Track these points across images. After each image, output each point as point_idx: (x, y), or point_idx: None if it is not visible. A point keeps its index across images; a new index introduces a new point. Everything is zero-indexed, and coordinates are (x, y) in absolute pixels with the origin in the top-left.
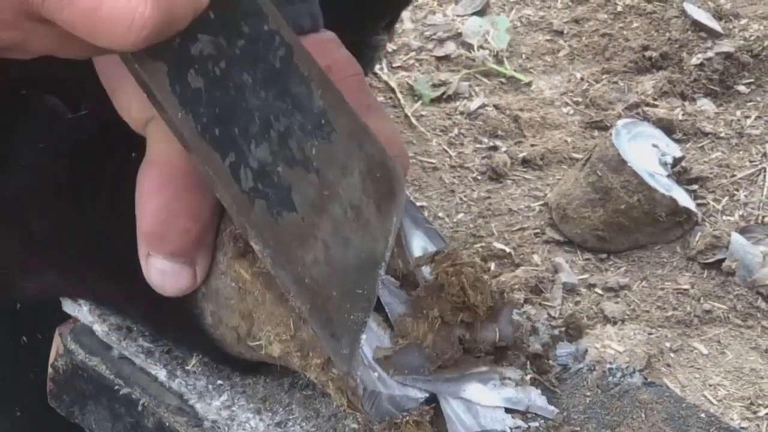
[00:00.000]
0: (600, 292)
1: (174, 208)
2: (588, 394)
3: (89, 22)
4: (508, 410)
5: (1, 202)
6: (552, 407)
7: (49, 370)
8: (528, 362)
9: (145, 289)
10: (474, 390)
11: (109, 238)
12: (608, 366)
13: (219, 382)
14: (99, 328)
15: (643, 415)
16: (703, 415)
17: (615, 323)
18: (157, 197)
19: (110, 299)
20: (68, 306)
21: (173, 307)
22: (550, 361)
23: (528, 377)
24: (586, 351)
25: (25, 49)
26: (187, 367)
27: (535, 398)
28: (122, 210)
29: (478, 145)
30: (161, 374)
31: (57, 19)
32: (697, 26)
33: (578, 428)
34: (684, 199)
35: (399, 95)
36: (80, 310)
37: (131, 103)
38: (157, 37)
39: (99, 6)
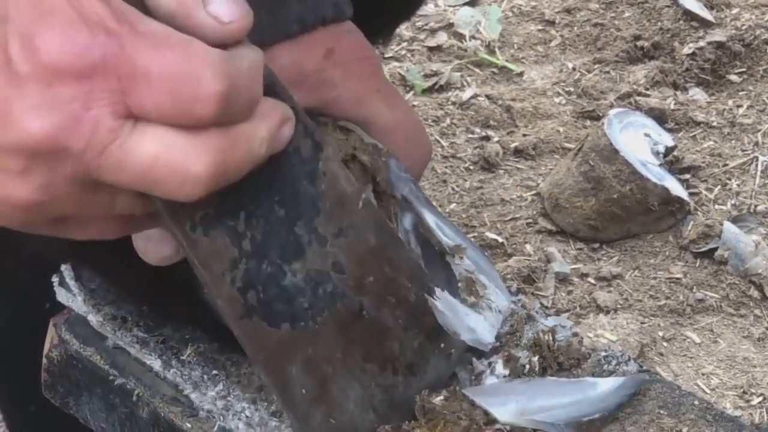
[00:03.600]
0: (592, 281)
1: None
2: None
3: (144, 181)
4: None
5: None
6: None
7: (44, 360)
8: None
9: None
10: None
11: None
12: (603, 353)
13: (214, 372)
14: (93, 318)
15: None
16: (697, 402)
17: (608, 312)
18: None
19: (110, 266)
20: (62, 296)
21: (169, 281)
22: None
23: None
24: (582, 339)
25: (87, 221)
26: (182, 357)
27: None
28: None
29: (470, 136)
30: (156, 364)
31: (112, 178)
32: (689, 16)
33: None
34: (676, 189)
35: None
36: (74, 300)
37: None
38: (211, 190)
39: (152, 166)
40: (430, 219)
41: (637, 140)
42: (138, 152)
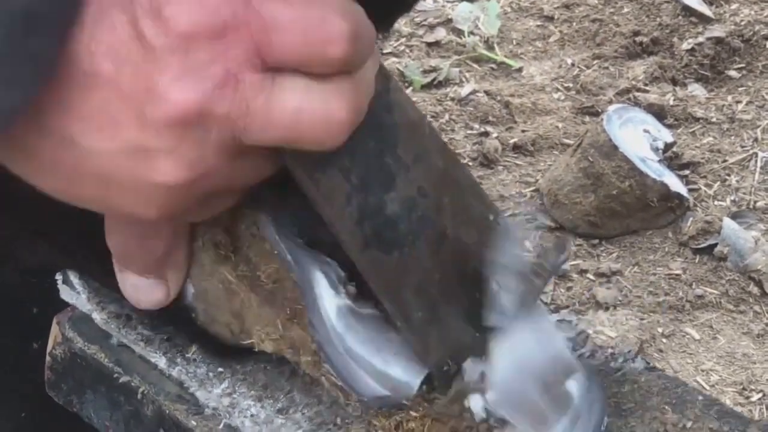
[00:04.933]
0: (592, 277)
1: (136, 231)
2: None
3: (292, 134)
4: None
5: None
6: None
7: (47, 358)
8: None
9: None
10: None
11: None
12: (610, 351)
13: (219, 369)
14: (98, 316)
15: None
16: (701, 397)
17: (607, 309)
18: (120, 221)
19: (107, 285)
20: (66, 294)
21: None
22: None
23: None
24: (587, 337)
25: (228, 194)
26: (187, 355)
27: None
28: None
29: (469, 131)
30: (161, 362)
31: (260, 136)
32: (688, 11)
33: None
34: (675, 185)
35: None
36: (78, 298)
37: None
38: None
39: (298, 118)
40: None
41: (636, 136)
42: (282, 105)
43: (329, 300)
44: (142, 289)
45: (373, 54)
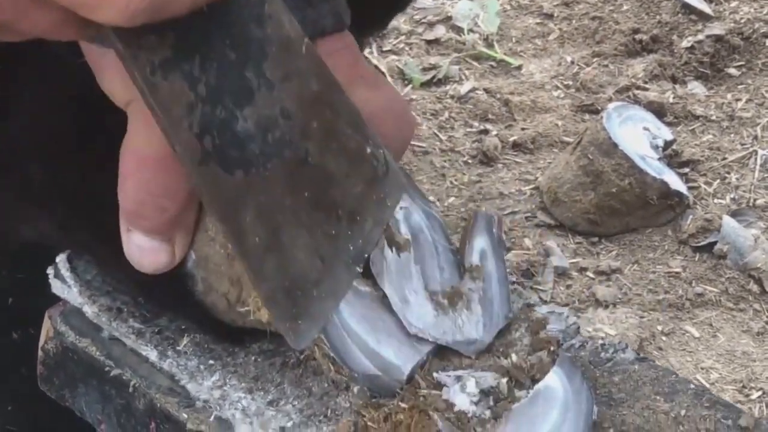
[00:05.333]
0: (591, 275)
1: (151, 188)
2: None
3: None
4: None
5: (1, 147)
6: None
7: (39, 353)
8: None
9: None
10: None
11: (103, 195)
12: (600, 342)
13: (210, 361)
14: (89, 310)
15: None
16: (692, 386)
17: (607, 307)
18: (135, 176)
19: (103, 258)
20: (57, 288)
21: (164, 273)
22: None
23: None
24: (578, 327)
25: (16, 31)
26: (178, 348)
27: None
28: (117, 167)
29: (468, 129)
30: (152, 355)
31: None
32: (688, 9)
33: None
34: (675, 183)
35: (389, 79)
36: (69, 292)
37: (114, 84)
38: (151, 15)
39: None
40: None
41: (635, 134)
42: None
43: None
44: (147, 251)
45: None
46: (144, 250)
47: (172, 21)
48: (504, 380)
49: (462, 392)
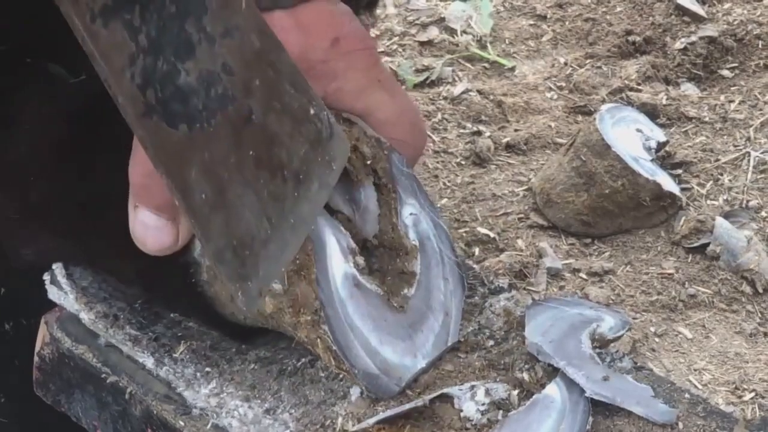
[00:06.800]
0: (584, 276)
1: None
2: None
3: None
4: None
5: (3, 164)
6: None
7: (35, 358)
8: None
9: None
10: None
11: (105, 196)
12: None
13: (207, 369)
14: (85, 316)
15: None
16: (688, 396)
17: None
18: (143, 151)
19: (105, 258)
20: (54, 294)
21: (169, 262)
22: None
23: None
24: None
25: None
26: (174, 355)
27: None
28: (118, 170)
29: (461, 131)
30: (149, 362)
31: None
32: (681, 10)
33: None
34: (668, 184)
35: None
36: (66, 299)
37: None
38: None
39: None
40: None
41: (628, 135)
42: None
43: (338, 264)
44: (152, 230)
45: None
46: (149, 228)
47: None
48: (515, 392)
49: (471, 400)
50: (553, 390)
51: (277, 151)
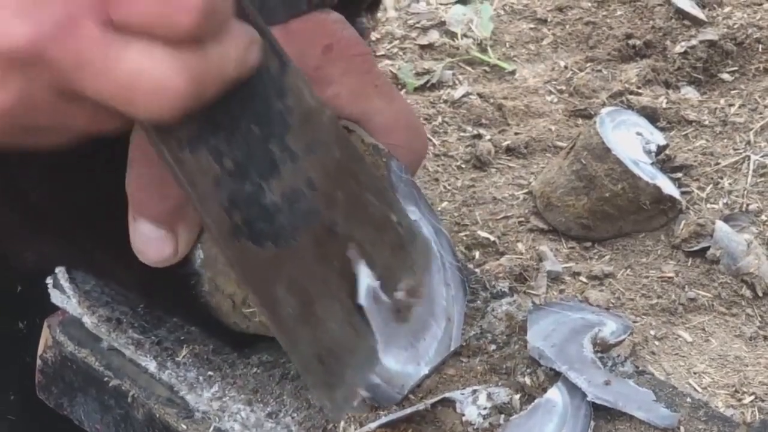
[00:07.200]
0: (584, 280)
1: (155, 174)
2: None
3: (124, 95)
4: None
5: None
6: None
7: (38, 361)
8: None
9: None
10: None
11: (105, 203)
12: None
13: (209, 373)
14: (88, 320)
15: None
16: (689, 400)
17: None
18: (140, 162)
19: (106, 265)
20: (56, 298)
21: (170, 272)
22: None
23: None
24: None
25: (60, 131)
26: (177, 359)
27: None
28: (118, 176)
29: (462, 134)
30: (151, 366)
31: (92, 90)
32: (681, 14)
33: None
34: (668, 187)
35: None
36: (69, 302)
37: None
38: (189, 108)
39: (134, 80)
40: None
41: (629, 139)
42: (119, 65)
43: (364, 275)
44: (152, 242)
45: (240, 37)
46: (149, 239)
47: None
48: (517, 396)
49: (473, 404)
50: (555, 394)
51: (360, 260)
